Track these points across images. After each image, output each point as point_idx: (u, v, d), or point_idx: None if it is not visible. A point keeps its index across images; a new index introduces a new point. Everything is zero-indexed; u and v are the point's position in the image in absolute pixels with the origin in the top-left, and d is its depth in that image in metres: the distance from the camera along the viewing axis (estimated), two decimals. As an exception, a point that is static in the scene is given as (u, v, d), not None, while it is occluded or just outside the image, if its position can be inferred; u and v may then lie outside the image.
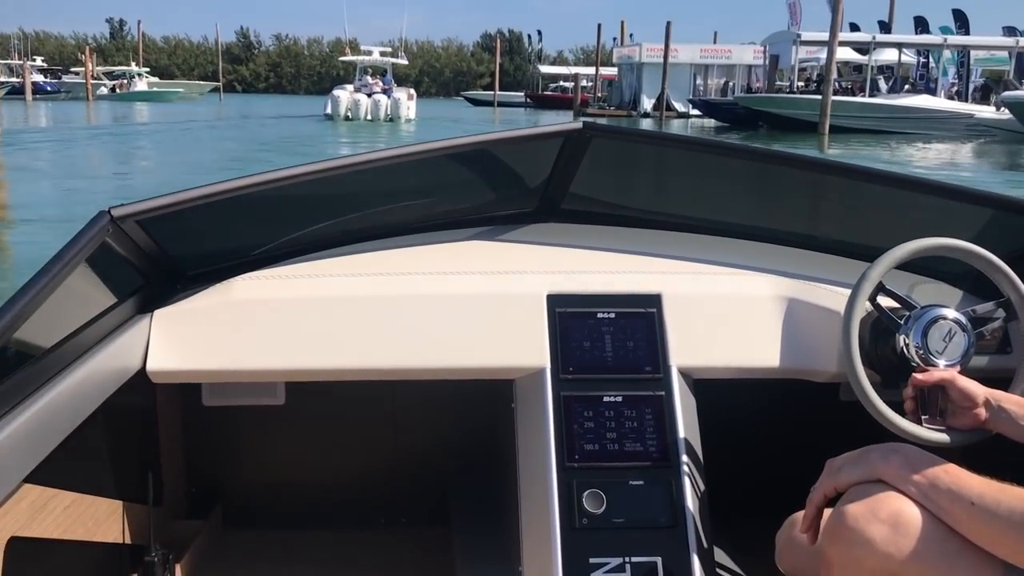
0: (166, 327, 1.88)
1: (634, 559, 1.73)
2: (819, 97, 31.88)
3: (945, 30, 39.87)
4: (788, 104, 34.56)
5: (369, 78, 41.28)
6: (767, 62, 39.64)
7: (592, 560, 1.72)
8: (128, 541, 1.96)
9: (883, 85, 37.36)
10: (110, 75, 72.55)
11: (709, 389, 1.96)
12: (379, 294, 1.95)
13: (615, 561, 1.73)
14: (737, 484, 2.19)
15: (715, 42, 52.92)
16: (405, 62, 58.91)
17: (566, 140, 2.04)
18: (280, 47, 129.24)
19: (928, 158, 24.70)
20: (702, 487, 1.85)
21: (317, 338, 1.89)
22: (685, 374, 1.93)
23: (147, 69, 79.56)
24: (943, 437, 1.67)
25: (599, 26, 60.41)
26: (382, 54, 49.27)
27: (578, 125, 2.00)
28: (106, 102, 59.67)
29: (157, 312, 1.89)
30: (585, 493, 1.78)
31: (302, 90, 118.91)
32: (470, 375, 1.92)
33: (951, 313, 1.80)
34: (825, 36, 34.41)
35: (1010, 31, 41.65)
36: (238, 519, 2.49)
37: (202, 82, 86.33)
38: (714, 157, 2.26)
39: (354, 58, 48.55)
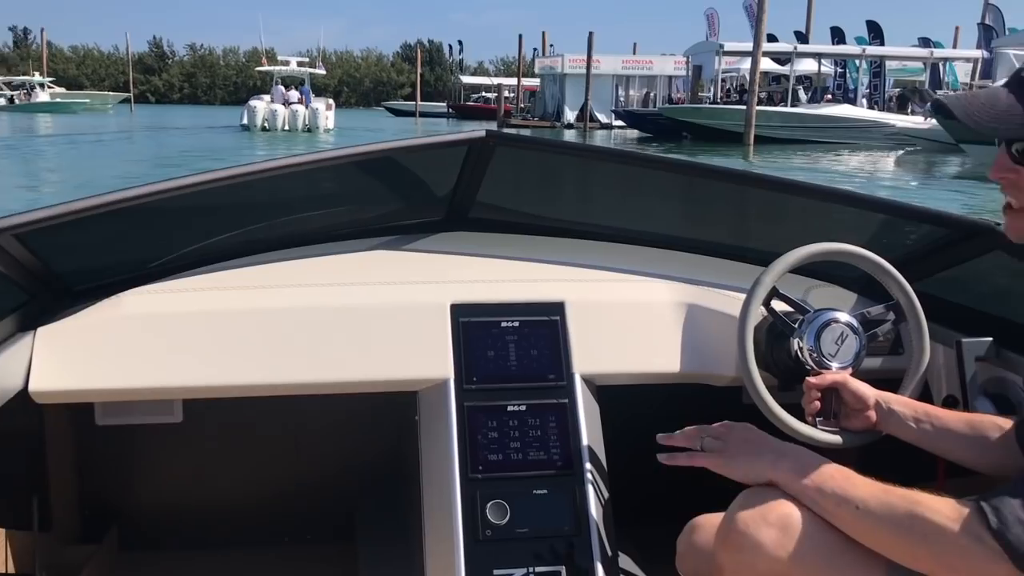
0: (51, 345, 1.81)
1: (538, 569, 1.74)
2: (743, 108, 32.22)
3: (861, 41, 40.85)
4: (712, 115, 34.86)
5: (283, 88, 40.53)
6: (689, 73, 39.84)
7: (496, 572, 1.72)
8: (11, 570, 1.89)
9: (803, 95, 37.73)
10: (9, 85, 68.80)
11: (614, 395, 1.96)
12: (278, 307, 1.91)
13: (519, 572, 1.73)
14: (644, 489, 2.19)
15: (635, 53, 52.86)
16: (323, 72, 58.58)
17: (470, 149, 2.03)
18: (195, 57, 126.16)
19: (852, 167, 25.29)
20: (606, 494, 1.85)
21: (214, 354, 1.84)
22: (588, 381, 1.94)
23: (52, 79, 76.10)
24: (836, 439, 1.71)
25: (520, 37, 60.27)
26: (300, 64, 48.86)
27: (481, 134, 1.97)
28: (5, 114, 56.61)
29: (40, 330, 1.82)
30: (489, 504, 1.78)
31: (218, 101, 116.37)
32: (373, 388, 1.89)
33: (843, 316, 1.84)
34: (746, 46, 34.70)
35: (925, 42, 42.77)
36: (135, 541, 2.44)
37: (112, 93, 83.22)
38: (615, 166, 2.28)
39: (271, 68, 47.88)
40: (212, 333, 1.86)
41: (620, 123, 45.21)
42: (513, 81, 60.54)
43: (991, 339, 2.03)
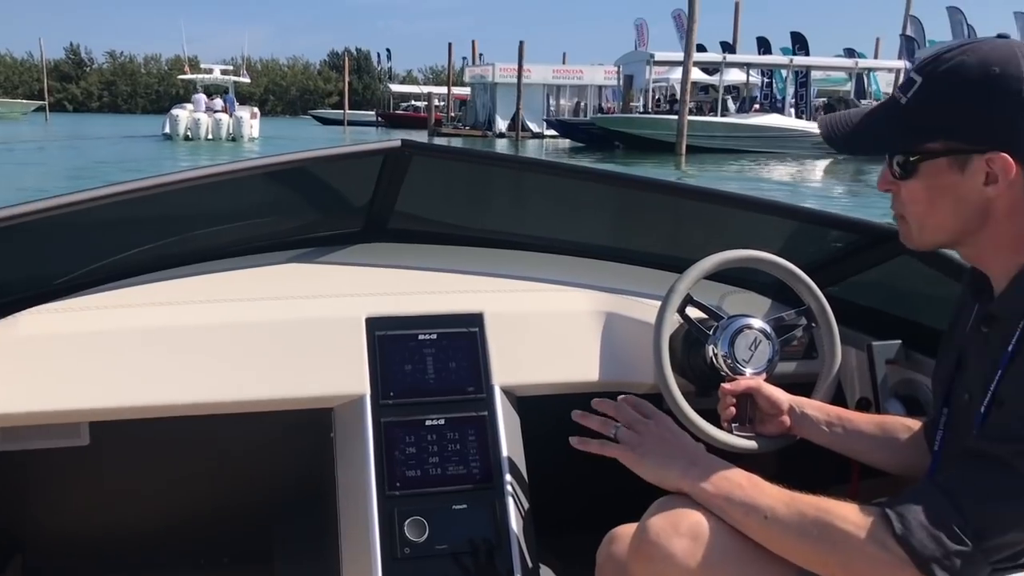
0: None
1: None
2: (675, 117, 32.43)
3: (786, 51, 41.49)
4: (644, 124, 35.07)
5: (203, 97, 40.01)
6: (621, 82, 39.73)
7: None
8: None
9: (731, 105, 38.05)
10: (-93, 92, 65.65)
11: (534, 406, 1.96)
12: (187, 324, 1.86)
13: None
14: (566, 499, 2.16)
15: (564, 63, 52.85)
16: (248, 80, 57.82)
17: (386, 158, 2.01)
18: (114, 65, 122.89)
19: (782, 175, 25.68)
20: (526, 505, 1.84)
21: (119, 374, 1.79)
22: (508, 392, 1.93)
23: (-44, 87, 72.74)
24: (751, 444, 1.73)
25: (450, 45, 59.72)
26: (224, 72, 48.28)
27: (397, 143, 1.96)
28: (-101, 123, 53.87)
29: None
30: (407, 521, 1.76)
31: (139, 109, 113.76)
32: (286, 406, 1.86)
33: (756, 323, 1.86)
34: (676, 56, 34.82)
35: (849, 53, 43.76)
36: (41, 570, 2.32)
37: (25, 101, 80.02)
38: (533, 175, 2.29)
39: (194, 76, 47.16)
40: (117, 353, 1.81)
41: (552, 132, 45.46)
42: (443, 90, 60.07)
43: (900, 342, 2.08)
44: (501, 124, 48.83)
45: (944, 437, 1.47)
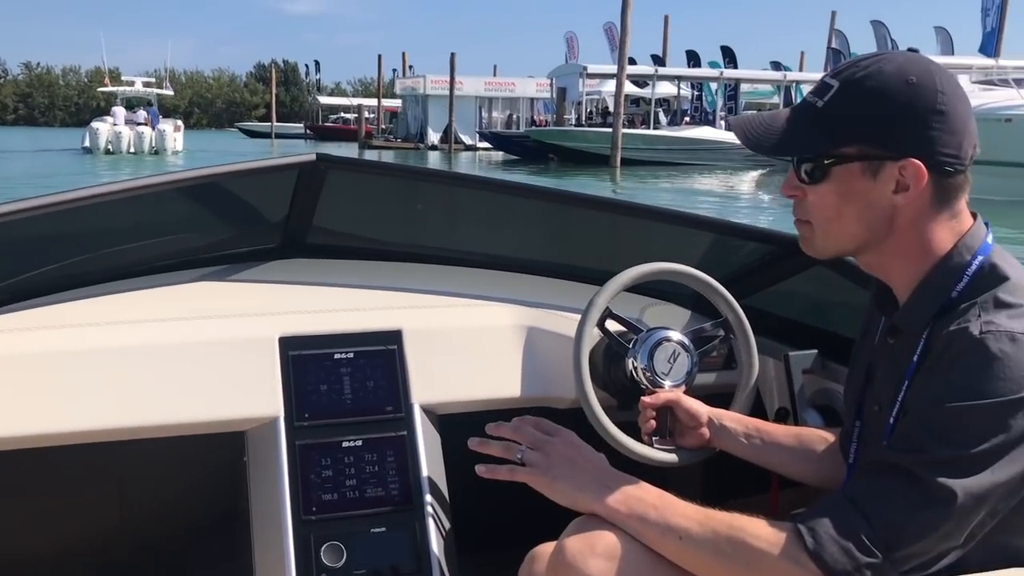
0: None
1: None
2: (609, 130, 32.56)
3: (714, 64, 42.12)
4: (579, 137, 35.18)
5: (122, 110, 39.34)
6: (554, 95, 39.44)
7: None
8: None
9: (663, 118, 38.24)
10: None
11: (456, 423, 1.92)
12: (92, 347, 1.80)
13: None
14: (489, 518, 2.15)
15: (495, 75, 52.63)
16: (171, 93, 57.09)
17: (301, 172, 1.97)
18: (31, 76, 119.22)
19: (715, 187, 26.03)
20: (447, 526, 1.83)
21: (20, 400, 1.72)
22: (428, 411, 1.91)
23: None
24: (671, 457, 1.74)
25: (379, 57, 59.16)
26: (146, 84, 47.60)
27: (311, 157, 1.92)
28: None
29: None
30: (323, 547, 1.72)
31: (58, 123, 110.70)
32: (197, 430, 1.81)
33: (675, 335, 1.87)
34: (610, 69, 34.85)
35: (776, 66, 44.47)
36: None
37: (-66, 113, 76.62)
38: (453, 188, 2.27)
39: (115, 88, 46.38)
40: (19, 378, 1.73)
41: (485, 145, 45.43)
42: (373, 102, 59.16)
43: (816, 351, 2.10)
44: (433, 136, 48.66)
45: (858, 449, 1.49)
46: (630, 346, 1.88)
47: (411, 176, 2.30)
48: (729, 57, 42.60)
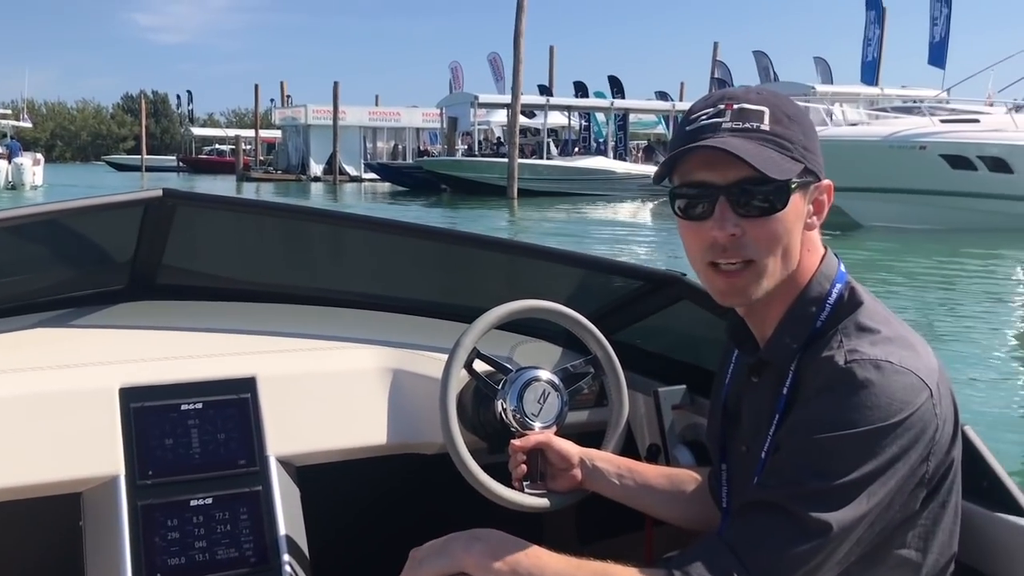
0: None
1: None
2: (504, 160, 32.35)
3: (600, 94, 41.94)
4: (473, 168, 34.91)
5: None
6: (444, 125, 38.01)
7: None
8: None
9: (554, 148, 37.76)
10: None
11: (318, 474, 1.88)
12: None
13: None
14: (356, 571, 2.05)
15: (377, 104, 50.75)
16: (29, 125, 55.11)
17: (147, 209, 1.88)
18: None
19: (611, 217, 26.37)
20: None
21: None
22: (285, 463, 1.82)
23: None
24: (543, 502, 1.71)
25: (256, 87, 57.31)
26: (1, 116, 45.36)
27: (158, 193, 1.84)
28: None
29: None
30: None
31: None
32: (26, 494, 1.70)
33: (544, 374, 1.85)
34: (502, 98, 33.94)
35: (662, 95, 44.79)
36: None
37: None
38: (311, 224, 2.18)
39: None
40: None
41: (371, 176, 44.05)
42: (250, 133, 56.50)
43: (685, 387, 2.13)
44: (316, 168, 47.74)
45: (728, 492, 1.49)
46: (499, 387, 1.84)
47: (266, 211, 2.09)
48: (616, 87, 42.66)
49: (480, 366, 1.84)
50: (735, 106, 1.27)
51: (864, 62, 33.24)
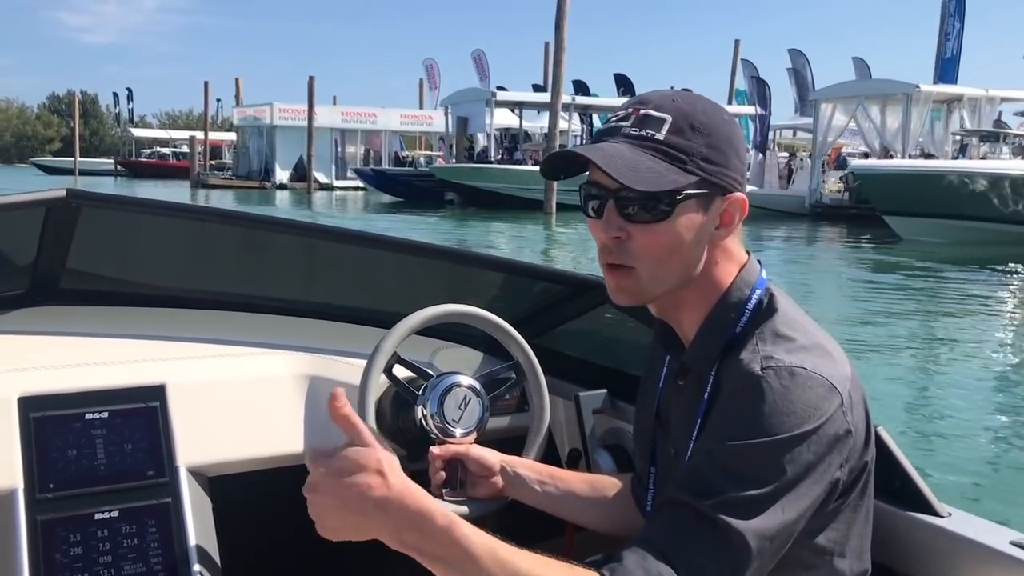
0: None
1: None
2: (534, 169, 27.80)
3: (593, 95, 36.08)
4: (497, 177, 30.61)
5: None
6: (452, 126, 32.05)
7: None
8: None
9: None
10: None
11: (234, 485, 1.85)
12: None
13: None
14: None
15: (335, 104, 44.02)
16: None
17: (49, 210, 1.84)
18: None
19: None
20: None
21: None
22: (196, 473, 1.79)
23: None
24: (463, 509, 1.70)
25: (206, 84, 51.04)
26: None
27: (62, 193, 1.80)
28: None
29: None
30: None
31: None
32: None
33: (465, 380, 1.86)
34: (521, 96, 31.10)
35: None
36: None
37: None
38: (225, 227, 2.14)
39: None
40: None
41: (345, 184, 37.41)
42: (197, 134, 49.60)
43: (605, 391, 2.15)
44: (281, 174, 41.99)
45: (654, 496, 1.54)
46: (419, 393, 1.86)
47: (177, 214, 2.05)
48: (625, 86, 36.83)
49: (400, 371, 1.87)
50: (641, 112, 1.29)
51: (943, 59, 29.40)
